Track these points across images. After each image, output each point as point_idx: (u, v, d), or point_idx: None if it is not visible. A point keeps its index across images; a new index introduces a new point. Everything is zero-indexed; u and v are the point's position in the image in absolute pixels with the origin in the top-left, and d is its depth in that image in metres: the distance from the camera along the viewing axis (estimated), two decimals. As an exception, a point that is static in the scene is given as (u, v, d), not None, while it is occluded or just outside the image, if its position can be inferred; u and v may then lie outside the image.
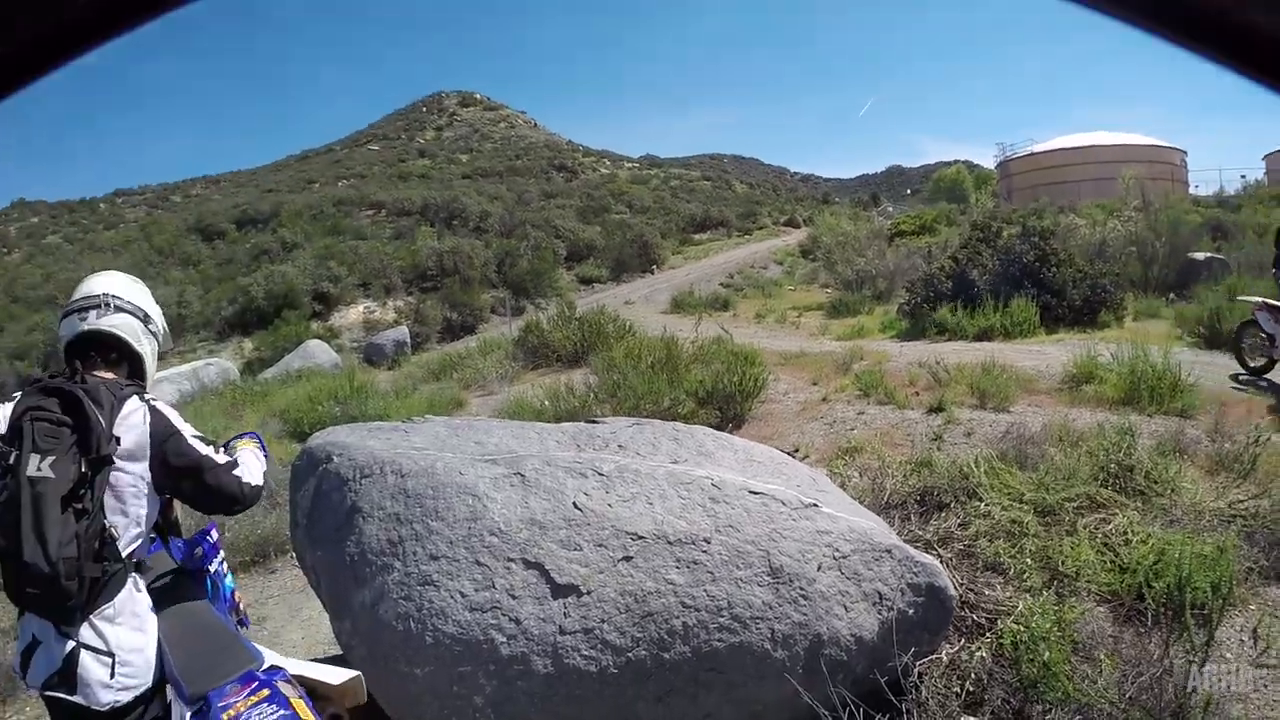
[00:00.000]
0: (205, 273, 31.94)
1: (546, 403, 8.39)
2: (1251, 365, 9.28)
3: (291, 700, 2.35)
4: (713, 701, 3.22)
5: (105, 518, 2.28)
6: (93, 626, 2.28)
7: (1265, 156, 44.69)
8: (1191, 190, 39.95)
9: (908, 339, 13.18)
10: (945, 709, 3.49)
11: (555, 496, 3.49)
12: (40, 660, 2.27)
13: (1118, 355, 8.32)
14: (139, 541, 2.44)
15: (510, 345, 13.90)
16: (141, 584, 2.46)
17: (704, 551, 3.32)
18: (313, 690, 2.61)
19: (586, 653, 3.11)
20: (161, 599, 2.57)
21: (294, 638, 5.17)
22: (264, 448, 3.09)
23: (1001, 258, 14.20)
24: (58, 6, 0.72)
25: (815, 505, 3.64)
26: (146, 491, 2.43)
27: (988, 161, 60.35)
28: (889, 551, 3.60)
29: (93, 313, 2.49)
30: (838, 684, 3.24)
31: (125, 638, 2.33)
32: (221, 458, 2.61)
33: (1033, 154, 47.00)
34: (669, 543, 3.33)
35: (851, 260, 21.09)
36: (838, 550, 3.49)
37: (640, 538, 3.34)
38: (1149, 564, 4.30)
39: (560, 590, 3.21)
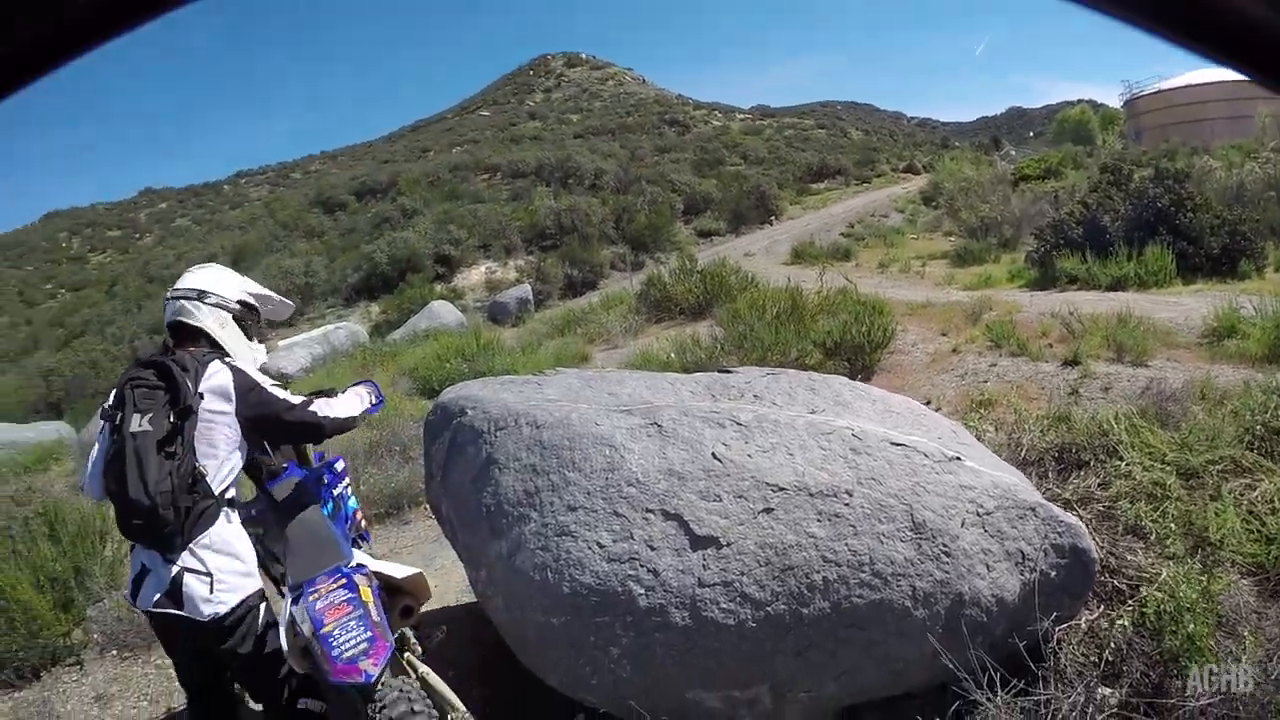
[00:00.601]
0: (329, 243, 33.22)
1: (673, 355, 8.40)
2: None
3: (360, 587, 2.88)
4: (852, 658, 3.20)
5: (197, 460, 2.75)
6: (193, 553, 2.75)
7: None
8: None
9: (1037, 288, 12.69)
10: (1083, 678, 3.39)
11: (693, 447, 3.49)
12: (150, 584, 2.76)
13: (1261, 308, 7.87)
14: (230, 480, 2.92)
15: (632, 299, 13.95)
16: (234, 516, 2.93)
17: (845, 504, 3.27)
18: (388, 584, 3.18)
19: (725, 605, 3.12)
20: (289, 510, 3.22)
21: (432, 586, 5.40)
22: (376, 392, 3.62)
23: (1134, 202, 13.48)
24: (58, 6, 0.72)
25: (958, 459, 3.55)
26: (235, 438, 2.92)
27: (1113, 101, 57.25)
28: (1033, 510, 3.50)
29: (169, 306, 3.07)
30: (977, 646, 3.19)
31: (221, 561, 2.79)
32: (296, 399, 3.07)
33: (1161, 91, 44.48)
34: (810, 495, 3.29)
35: (975, 207, 20.44)
36: (981, 507, 3.41)
37: (781, 489, 3.31)
38: None
39: (699, 542, 3.22)
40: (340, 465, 3.59)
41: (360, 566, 3.09)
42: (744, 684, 3.23)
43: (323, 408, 3.13)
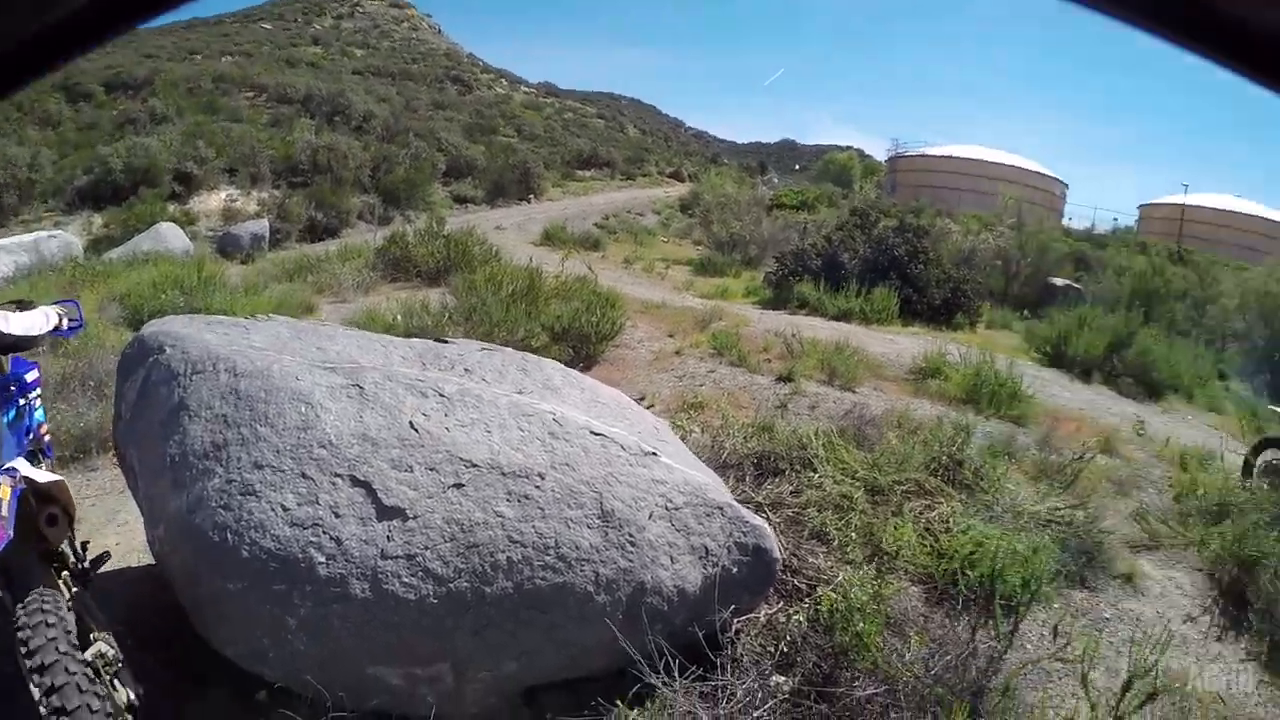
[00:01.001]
0: (64, 135, 29.20)
1: (399, 317, 8.08)
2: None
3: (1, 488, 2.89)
4: (532, 640, 3.20)
5: None
6: None
7: (1141, 206, 47.59)
8: (1065, 221, 42.27)
9: (769, 307, 13.29)
10: (759, 667, 3.58)
11: (392, 413, 3.38)
12: None
13: (966, 356, 8.71)
14: None
15: (371, 254, 13.33)
16: None
17: (537, 487, 3.27)
18: (36, 491, 3.11)
19: (407, 579, 3.03)
20: None
21: (108, 544, 4.86)
22: (76, 313, 3.71)
23: (873, 246, 14.54)
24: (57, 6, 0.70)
25: (654, 454, 3.63)
26: None
27: (879, 154, 61.66)
28: (721, 509, 3.63)
29: None
30: (656, 633, 3.27)
31: None
32: None
33: (924, 155, 48.07)
34: (502, 474, 3.27)
35: (728, 222, 21.18)
36: (671, 501, 3.50)
37: (474, 465, 3.26)
38: (966, 553, 4.52)
39: (386, 512, 3.11)
40: (32, 375, 3.53)
41: (13, 470, 3.04)
42: (425, 661, 3.15)
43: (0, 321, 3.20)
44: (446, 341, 4.58)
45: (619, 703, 3.26)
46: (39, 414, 3.58)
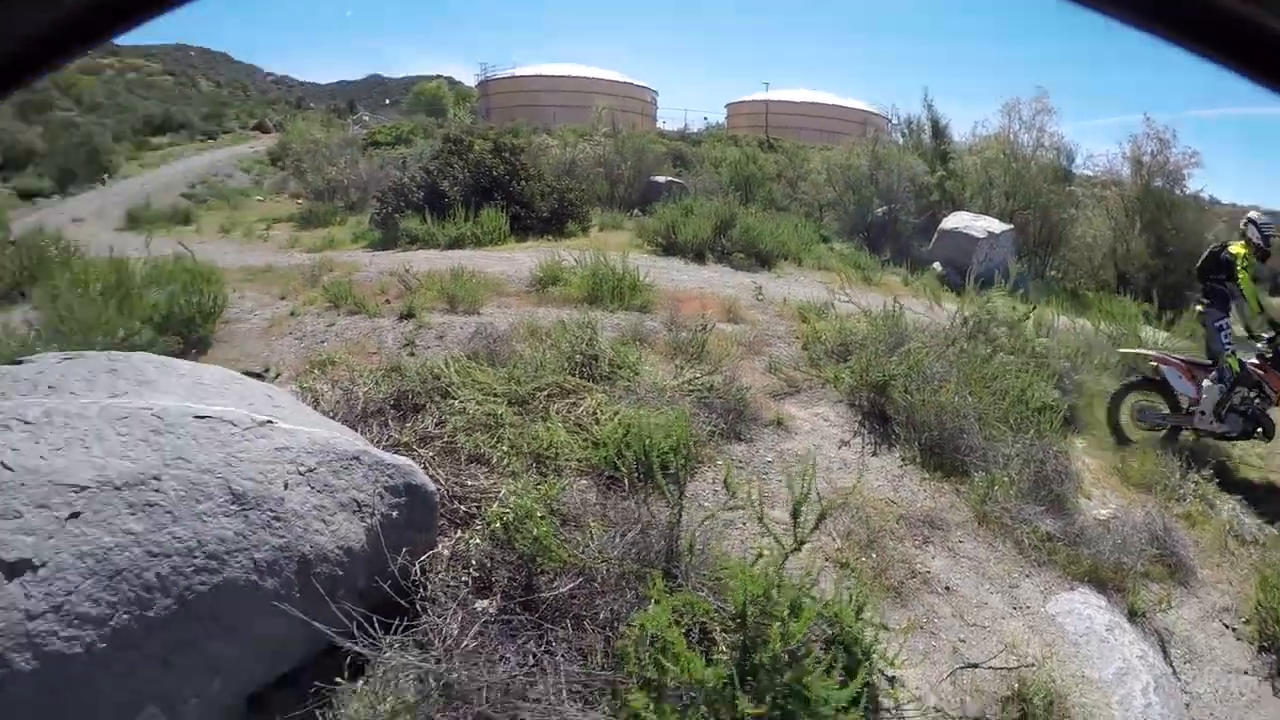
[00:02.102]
0: None
1: (-26, 355, 7.15)
2: (1134, 439, 7.56)
3: None
4: (220, 649, 3.08)
5: None
6: None
7: (728, 104, 52.30)
8: (659, 124, 45.42)
9: (380, 249, 13.18)
10: (458, 598, 3.68)
11: (-21, 458, 3.09)
12: None
13: (581, 260, 9.23)
14: None
15: None
16: None
17: (156, 490, 3.13)
18: None
19: (65, 634, 2.84)
20: None
21: None
22: None
23: (473, 170, 14.70)
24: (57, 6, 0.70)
25: (270, 421, 3.57)
26: None
27: (470, 80, 61.36)
28: (357, 458, 3.67)
29: None
30: (339, 600, 3.27)
31: None
32: None
33: (514, 77, 48.82)
34: (115, 488, 3.10)
35: (323, 169, 20.42)
36: (302, 465, 3.48)
37: (84, 488, 3.07)
38: (619, 437, 4.92)
39: (13, 569, 2.88)
40: None
41: None
42: (129, 710, 2.95)
43: None
44: (21, 361, 4.17)
45: (339, 679, 3.22)
46: None
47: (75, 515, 3.03)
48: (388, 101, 76.11)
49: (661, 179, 19.45)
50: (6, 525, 2.96)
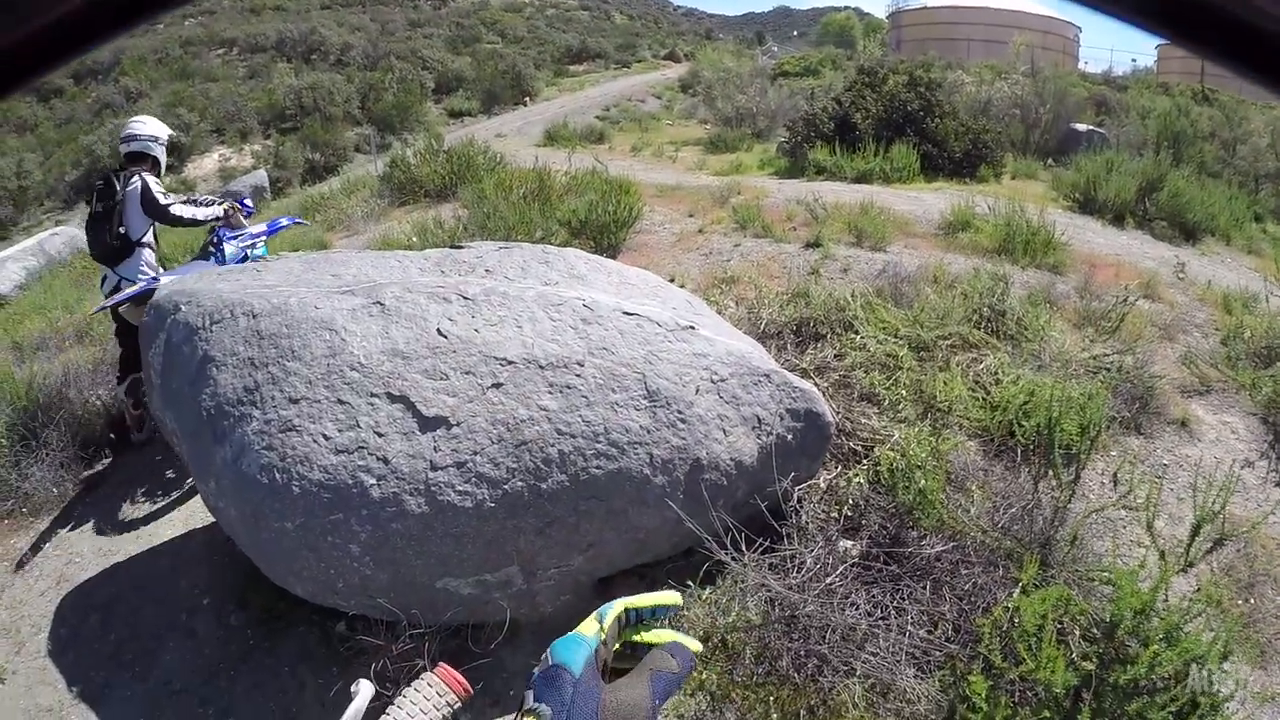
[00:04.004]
0: (44, 137, 28.72)
1: (415, 239, 7.91)
2: None
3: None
4: (594, 531, 3.17)
5: (123, 225, 5.07)
6: (122, 269, 5.12)
7: (1159, 45, 45.47)
8: (1081, 66, 40.76)
9: (786, 177, 12.84)
10: (825, 533, 3.54)
11: (418, 324, 3.31)
12: (107, 283, 5.18)
13: (994, 207, 8.43)
14: (142, 234, 5.14)
15: (375, 183, 13.05)
16: (149, 253, 5.20)
17: (577, 375, 3.20)
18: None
19: (461, 488, 3.00)
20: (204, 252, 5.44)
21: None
22: (275, 224, 6.03)
23: (885, 104, 13.97)
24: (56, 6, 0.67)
25: (692, 327, 3.54)
26: (142, 214, 5.09)
27: (879, 10, 59.85)
28: (768, 376, 3.55)
29: (135, 141, 5.26)
30: (719, 509, 3.23)
31: (132, 273, 5.11)
32: (167, 199, 5.12)
33: (926, 7, 46.64)
34: (540, 367, 3.20)
35: (732, 97, 20.40)
36: (716, 373, 3.42)
37: (510, 363, 3.19)
38: (1019, 403, 4.40)
39: (428, 423, 3.06)
40: (224, 235, 5.43)
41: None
42: (492, 566, 3.13)
43: (176, 208, 5.13)
44: (462, 246, 4.48)
45: (690, 583, 3.26)
46: (230, 250, 5.35)
47: (497, 385, 3.15)
48: (795, 33, 76.00)
49: (1082, 127, 17.48)
50: (432, 385, 3.14)
